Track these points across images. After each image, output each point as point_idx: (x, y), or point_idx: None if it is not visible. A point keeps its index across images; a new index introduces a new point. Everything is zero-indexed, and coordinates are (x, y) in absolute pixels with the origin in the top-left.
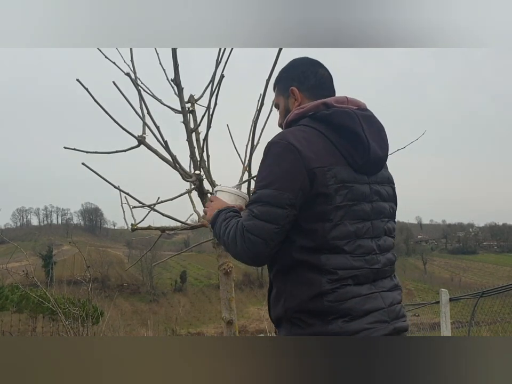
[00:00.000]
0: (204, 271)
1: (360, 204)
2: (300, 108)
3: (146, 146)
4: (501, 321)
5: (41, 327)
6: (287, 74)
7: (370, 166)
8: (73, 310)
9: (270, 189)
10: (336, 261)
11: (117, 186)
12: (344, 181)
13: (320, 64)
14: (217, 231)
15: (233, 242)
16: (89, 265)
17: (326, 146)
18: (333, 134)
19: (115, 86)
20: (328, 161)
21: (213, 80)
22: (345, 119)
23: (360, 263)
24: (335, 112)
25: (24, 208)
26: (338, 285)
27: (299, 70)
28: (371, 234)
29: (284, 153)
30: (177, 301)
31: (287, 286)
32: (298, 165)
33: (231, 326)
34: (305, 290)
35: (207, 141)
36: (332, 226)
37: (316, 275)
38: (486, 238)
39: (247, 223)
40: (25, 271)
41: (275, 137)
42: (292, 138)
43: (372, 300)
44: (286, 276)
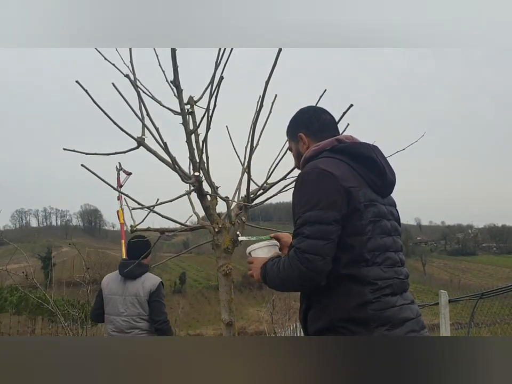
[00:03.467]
0: (203, 273)
1: (383, 220)
2: (316, 145)
3: (146, 148)
4: (500, 323)
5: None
6: (294, 123)
7: (385, 188)
8: (73, 311)
9: (314, 211)
10: (373, 272)
11: (116, 188)
12: (371, 199)
13: (323, 110)
14: (271, 279)
15: (290, 271)
16: (88, 267)
17: (350, 171)
18: (353, 161)
19: (114, 88)
20: (356, 183)
21: (212, 82)
22: (362, 148)
23: (390, 274)
24: (352, 145)
25: (24, 210)
26: (379, 294)
27: (304, 117)
28: (394, 248)
29: (320, 178)
30: (176, 303)
31: (332, 299)
32: (336, 185)
33: (230, 327)
34: (350, 300)
35: (207, 142)
36: (367, 240)
37: (359, 286)
38: (485, 239)
39: (301, 245)
40: (25, 272)
41: (306, 168)
42: (322, 165)
43: (404, 311)
44: (331, 289)
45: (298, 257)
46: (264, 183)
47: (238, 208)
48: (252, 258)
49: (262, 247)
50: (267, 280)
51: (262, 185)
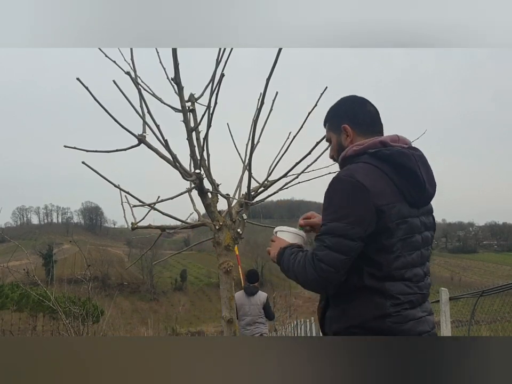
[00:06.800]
0: (204, 270)
1: (414, 236)
2: (358, 144)
3: (147, 145)
4: (501, 320)
5: (41, 326)
6: (337, 112)
7: (422, 201)
8: (74, 308)
9: (341, 223)
10: (397, 288)
11: (117, 185)
12: (404, 216)
13: (367, 100)
14: (285, 266)
15: (303, 272)
16: (89, 264)
17: (388, 184)
18: (393, 172)
19: (115, 85)
20: (391, 198)
21: (213, 79)
22: (405, 160)
23: (414, 289)
24: (395, 153)
25: (25, 207)
26: (400, 308)
27: (349, 108)
28: (420, 262)
29: (354, 191)
30: (177, 300)
31: (352, 306)
32: (368, 202)
33: (231, 324)
34: (370, 311)
35: (207, 139)
36: (395, 258)
37: (381, 299)
38: (486, 237)
39: (320, 253)
40: (26, 269)
41: (342, 173)
42: (359, 176)
43: (422, 324)
44: (352, 298)
45: (314, 264)
46: (265, 180)
47: (239, 205)
48: (275, 237)
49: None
50: (280, 264)
51: (263, 183)
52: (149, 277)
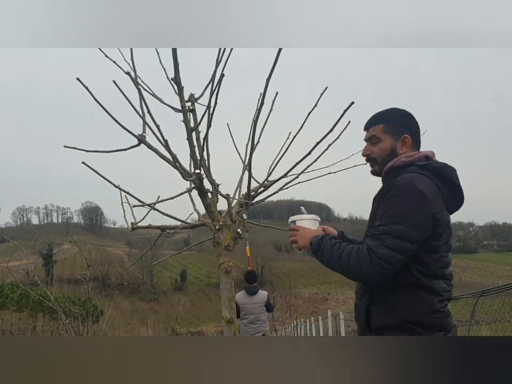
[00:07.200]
0: (204, 270)
1: (451, 239)
2: (407, 156)
3: (147, 145)
4: (501, 320)
5: (41, 326)
6: (401, 121)
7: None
8: (74, 308)
9: (401, 225)
10: (440, 285)
11: (117, 185)
12: (448, 222)
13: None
14: (326, 255)
15: (356, 265)
16: (89, 264)
17: (438, 194)
18: (440, 183)
19: (115, 85)
20: (440, 206)
21: (213, 79)
22: (451, 173)
23: (450, 287)
24: (443, 167)
25: (25, 207)
26: (443, 304)
27: (413, 122)
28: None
29: (416, 198)
30: (177, 300)
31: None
32: (427, 210)
33: (231, 324)
34: (421, 306)
35: (207, 139)
36: (438, 258)
37: (430, 295)
38: (486, 237)
39: (379, 251)
40: (26, 269)
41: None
42: (420, 185)
43: (452, 319)
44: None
45: (372, 260)
46: (265, 180)
47: (239, 205)
48: (298, 226)
49: (309, 219)
50: (319, 254)
51: (263, 183)
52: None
